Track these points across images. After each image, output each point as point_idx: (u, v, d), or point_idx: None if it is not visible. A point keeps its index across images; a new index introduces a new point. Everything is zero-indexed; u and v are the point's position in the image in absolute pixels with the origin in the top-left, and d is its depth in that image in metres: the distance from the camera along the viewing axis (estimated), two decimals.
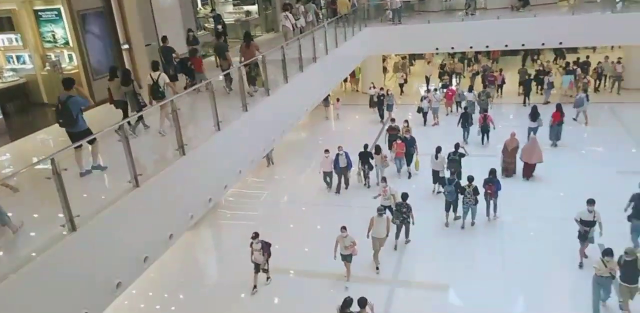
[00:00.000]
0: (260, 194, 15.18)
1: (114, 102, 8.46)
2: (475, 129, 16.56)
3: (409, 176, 15.09)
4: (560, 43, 18.99)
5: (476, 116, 17.04)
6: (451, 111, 20.10)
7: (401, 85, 23.32)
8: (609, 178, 13.45)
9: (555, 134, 15.93)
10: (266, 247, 10.24)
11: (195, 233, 12.99)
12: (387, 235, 10.68)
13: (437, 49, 20.36)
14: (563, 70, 21.16)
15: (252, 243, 10.22)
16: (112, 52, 11.75)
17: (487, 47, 19.74)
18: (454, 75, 23.98)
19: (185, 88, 10.06)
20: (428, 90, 21.14)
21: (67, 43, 11.12)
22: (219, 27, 14.74)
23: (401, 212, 11.24)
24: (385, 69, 25.70)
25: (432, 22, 19.57)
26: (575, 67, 20.79)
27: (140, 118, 8.30)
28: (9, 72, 11.42)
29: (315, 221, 13.45)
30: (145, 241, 6.48)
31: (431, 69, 24.02)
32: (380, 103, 19.67)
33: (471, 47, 20.17)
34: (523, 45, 19.01)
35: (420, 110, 19.02)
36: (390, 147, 15.67)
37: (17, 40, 11.39)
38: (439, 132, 18.17)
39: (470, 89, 18.82)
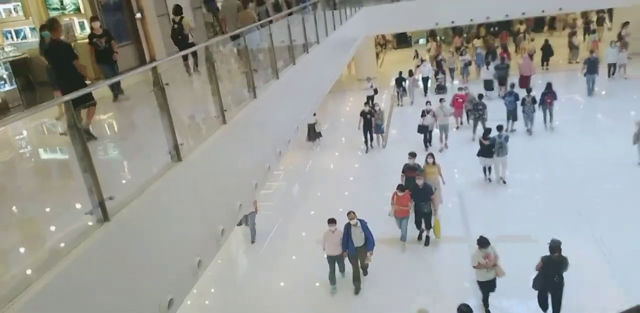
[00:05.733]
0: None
1: None
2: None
3: (426, 242, 9.63)
4: (560, 9, 18.97)
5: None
6: (461, 123, 15.16)
7: (370, 98, 16.80)
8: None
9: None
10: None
11: None
12: None
13: (437, 24, 20.02)
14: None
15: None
16: (125, 21, 10.73)
17: (487, 18, 19.47)
18: (451, 72, 19.99)
19: None
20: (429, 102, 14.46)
21: (77, 9, 10.05)
22: None
23: (477, 110, 13.30)
24: (378, 55, 25.28)
25: None
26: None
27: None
28: (10, 47, 10.18)
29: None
30: (237, 185, 5.62)
31: (429, 68, 19.20)
32: (367, 124, 14.27)
33: (471, 20, 19.83)
34: (523, 13, 18.86)
35: (422, 129, 13.88)
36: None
37: (16, 11, 10.20)
38: (451, 159, 12.90)
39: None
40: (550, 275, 6.98)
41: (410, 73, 18.49)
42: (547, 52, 19.99)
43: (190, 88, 5.72)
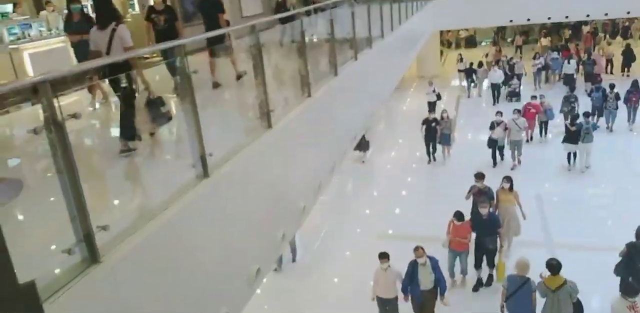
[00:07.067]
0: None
1: None
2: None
3: (488, 282, 7.75)
4: None
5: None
6: (531, 139, 13.41)
7: (432, 105, 14.96)
8: None
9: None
10: None
11: None
12: None
13: (511, 21, 19.12)
14: None
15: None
16: None
17: (566, 17, 18.45)
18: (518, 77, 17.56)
19: None
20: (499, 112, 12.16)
21: None
22: None
23: (570, 102, 13.48)
24: (442, 52, 24.53)
25: None
26: None
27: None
28: None
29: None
30: (316, 162, 5.38)
31: (499, 73, 16.93)
32: (431, 132, 12.46)
33: (549, 18, 18.82)
34: (606, 14, 17.75)
35: (492, 143, 12.09)
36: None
37: None
38: (523, 179, 10.27)
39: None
40: (635, 260, 6.61)
41: (480, 64, 18.34)
42: (629, 57, 18.42)
43: (280, 56, 5.53)
